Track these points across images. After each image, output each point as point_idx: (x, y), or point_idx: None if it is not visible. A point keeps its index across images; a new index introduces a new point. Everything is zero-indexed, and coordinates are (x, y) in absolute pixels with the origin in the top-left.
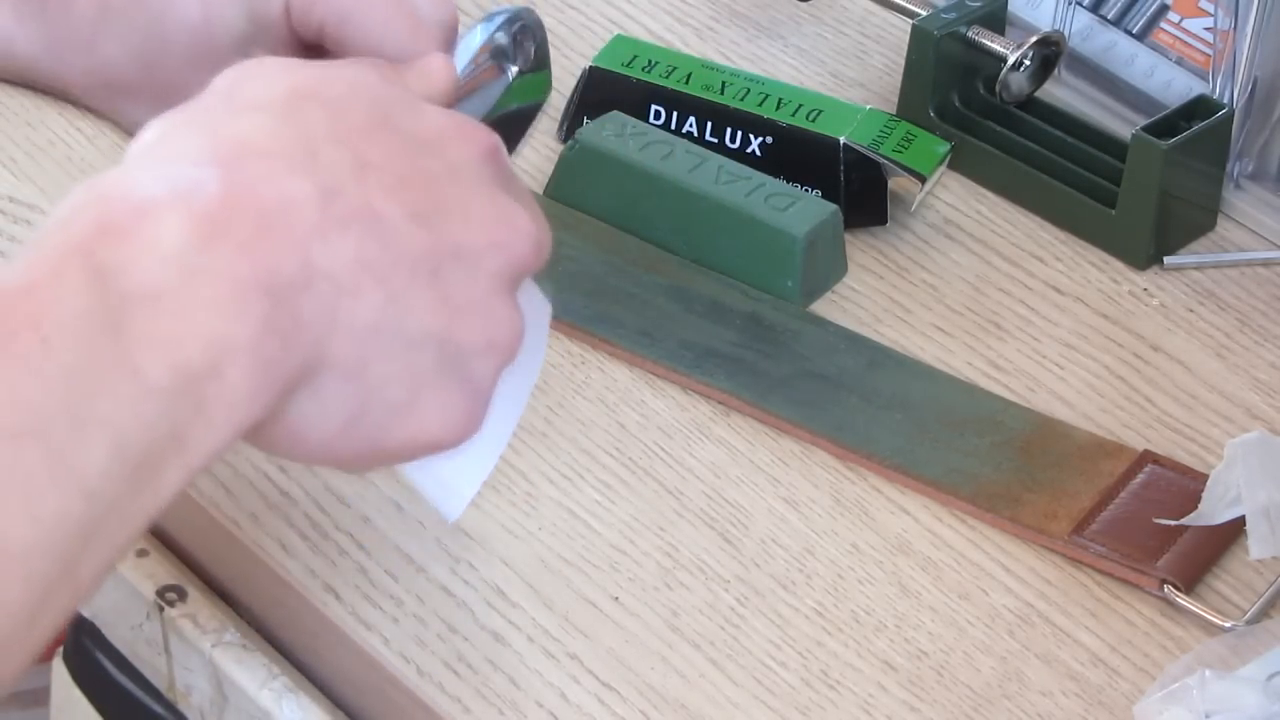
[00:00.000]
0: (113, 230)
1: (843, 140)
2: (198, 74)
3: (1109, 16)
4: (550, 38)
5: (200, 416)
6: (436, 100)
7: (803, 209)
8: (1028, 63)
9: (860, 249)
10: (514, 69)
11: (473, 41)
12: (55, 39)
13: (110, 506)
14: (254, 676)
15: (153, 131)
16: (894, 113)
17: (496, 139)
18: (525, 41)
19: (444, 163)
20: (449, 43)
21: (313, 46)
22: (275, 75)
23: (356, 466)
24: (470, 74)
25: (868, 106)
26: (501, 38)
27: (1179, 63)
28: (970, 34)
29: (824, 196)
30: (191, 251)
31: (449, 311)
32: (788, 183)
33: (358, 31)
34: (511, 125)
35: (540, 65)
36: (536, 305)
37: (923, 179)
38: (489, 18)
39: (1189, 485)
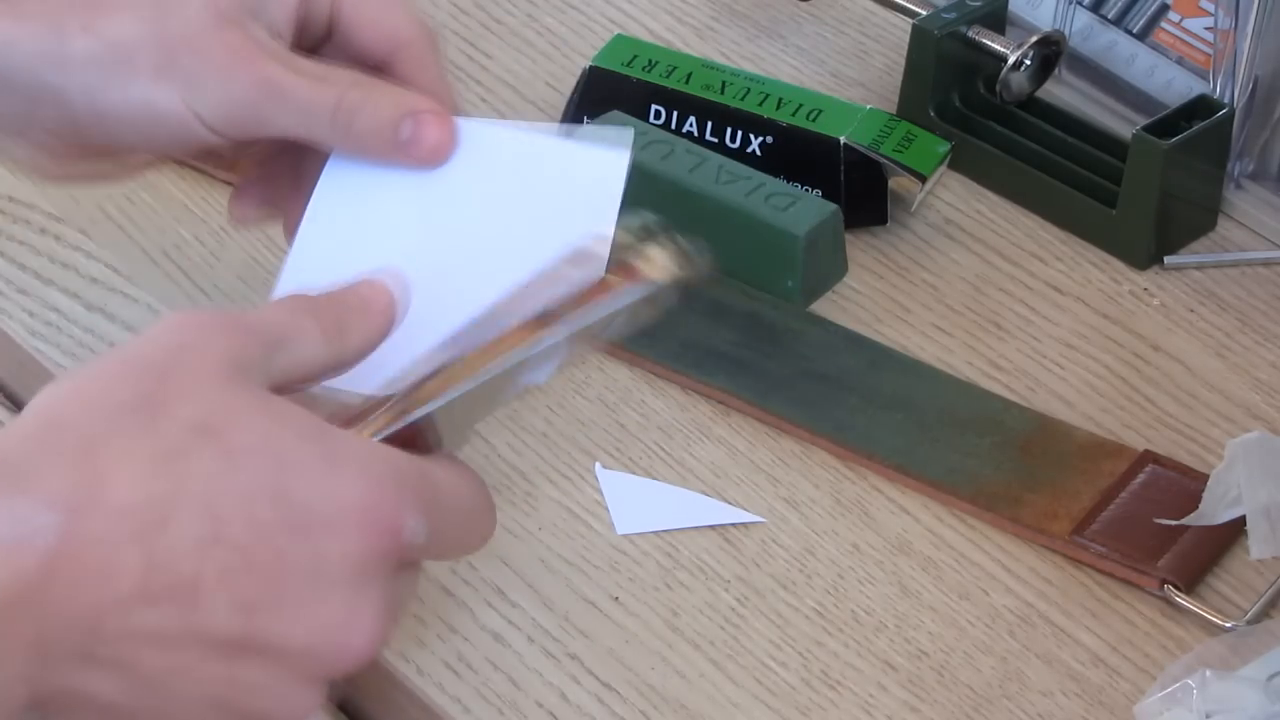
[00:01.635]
0: None
1: (843, 140)
2: (213, 34)
3: (1109, 16)
4: (550, 38)
5: None
6: (380, 338)
7: (803, 209)
8: (1028, 62)
9: (860, 249)
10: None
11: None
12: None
13: None
14: None
15: (45, 401)
16: (894, 112)
17: (403, 524)
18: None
19: (312, 553)
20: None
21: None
22: (206, 393)
23: None
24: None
25: (868, 106)
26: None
27: (1179, 62)
28: (970, 34)
29: (824, 196)
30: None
31: (231, 689)
32: (788, 183)
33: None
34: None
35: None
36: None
37: (923, 179)
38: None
39: (1189, 485)
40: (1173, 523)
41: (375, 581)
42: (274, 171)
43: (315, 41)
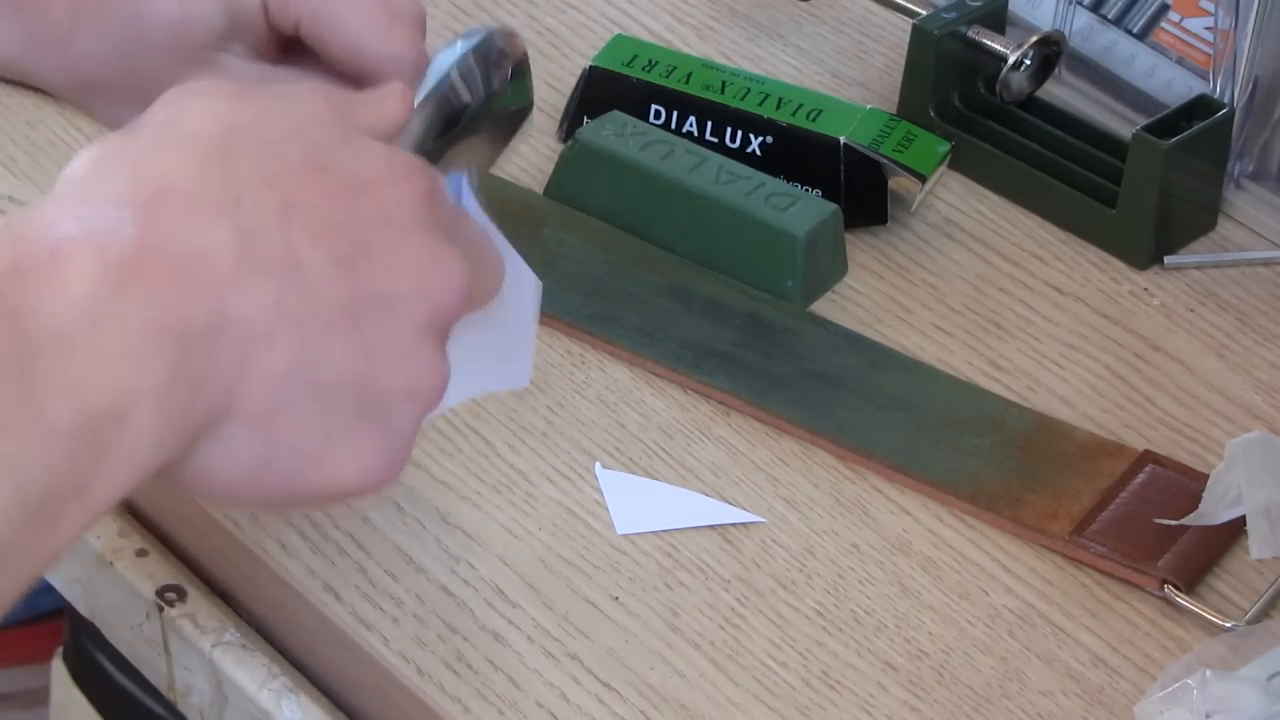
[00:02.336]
0: (25, 271)
1: (843, 140)
2: (177, 70)
3: (1109, 16)
4: (550, 38)
5: (102, 462)
6: (389, 130)
7: (803, 209)
8: (1028, 62)
9: (860, 249)
10: (479, 92)
11: (443, 62)
12: (31, 37)
13: (8, 548)
14: (254, 676)
15: (81, 162)
16: (894, 112)
17: (436, 180)
18: (500, 62)
19: (377, 205)
20: (422, 37)
21: (291, 42)
22: (212, 108)
23: (269, 509)
24: (437, 93)
25: (868, 106)
26: (471, 60)
27: (1179, 62)
28: (970, 34)
29: (824, 196)
30: (102, 297)
31: (368, 359)
32: (788, 182)
33: (333, 27)
34: (492, 130)
35: (517, 80)
36: (524, 281)
37: (923, 179)
38: (465, 35)
39: (1189, 485)
40: (1173, 523)
41: (438, 227)
42: None
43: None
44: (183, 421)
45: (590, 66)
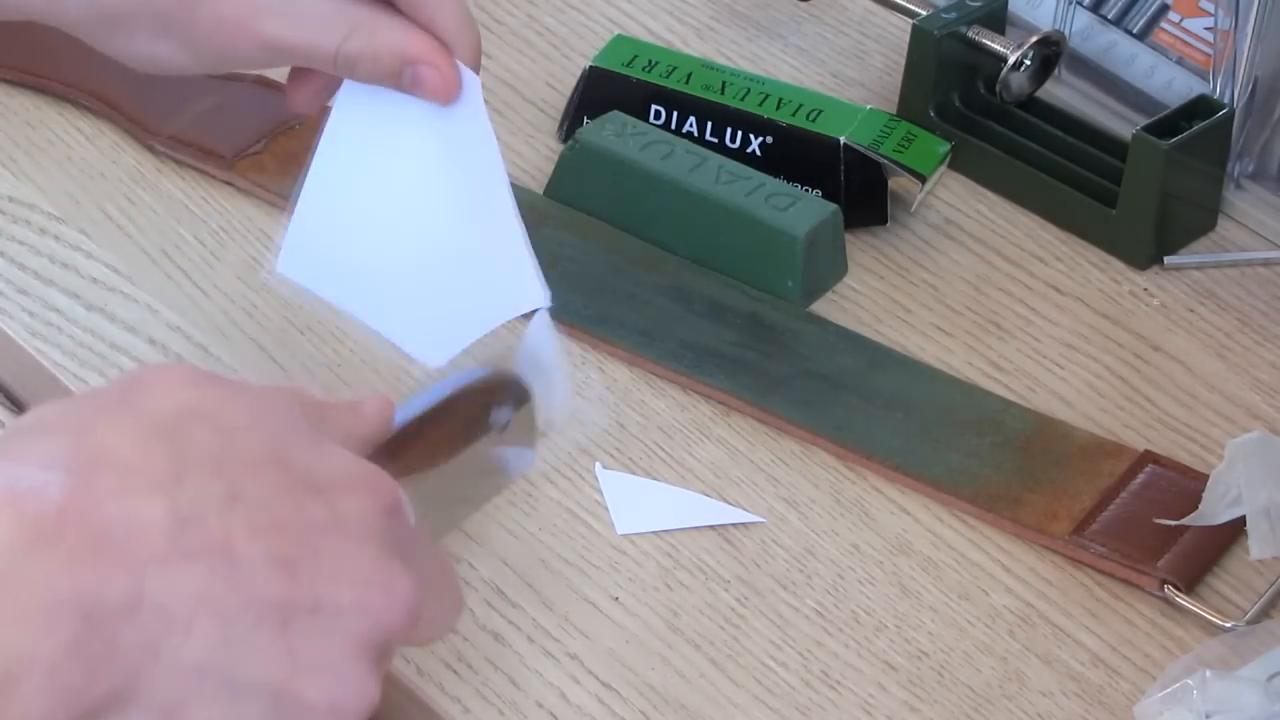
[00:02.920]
0: None
1: (843, 140)
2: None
3: (1109, 16)
4: (550, 38)
5: None
6: (362, 440)
7: (803, 209)
8: (1028, 63)
9: (860, 249)
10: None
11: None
12: None
13: None
14: None
15: (31, 417)
16: (894, 113)
17: (400, 496)
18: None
19: (331, 510)
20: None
21: None
22: (176, 388)
23: None
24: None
25: (868, 106)
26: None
27: (1179, 62)
28: (970, 34)
29: (824, 196)
30: (10, 557)
31: (292, 666)
32: (788, 183)
33: None
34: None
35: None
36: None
37: (923, 179)
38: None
39: (1189, 485)
40: (1173, 523)
41: (395, 544)
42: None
43: None
44: (74, 700)
45: (590, 66)
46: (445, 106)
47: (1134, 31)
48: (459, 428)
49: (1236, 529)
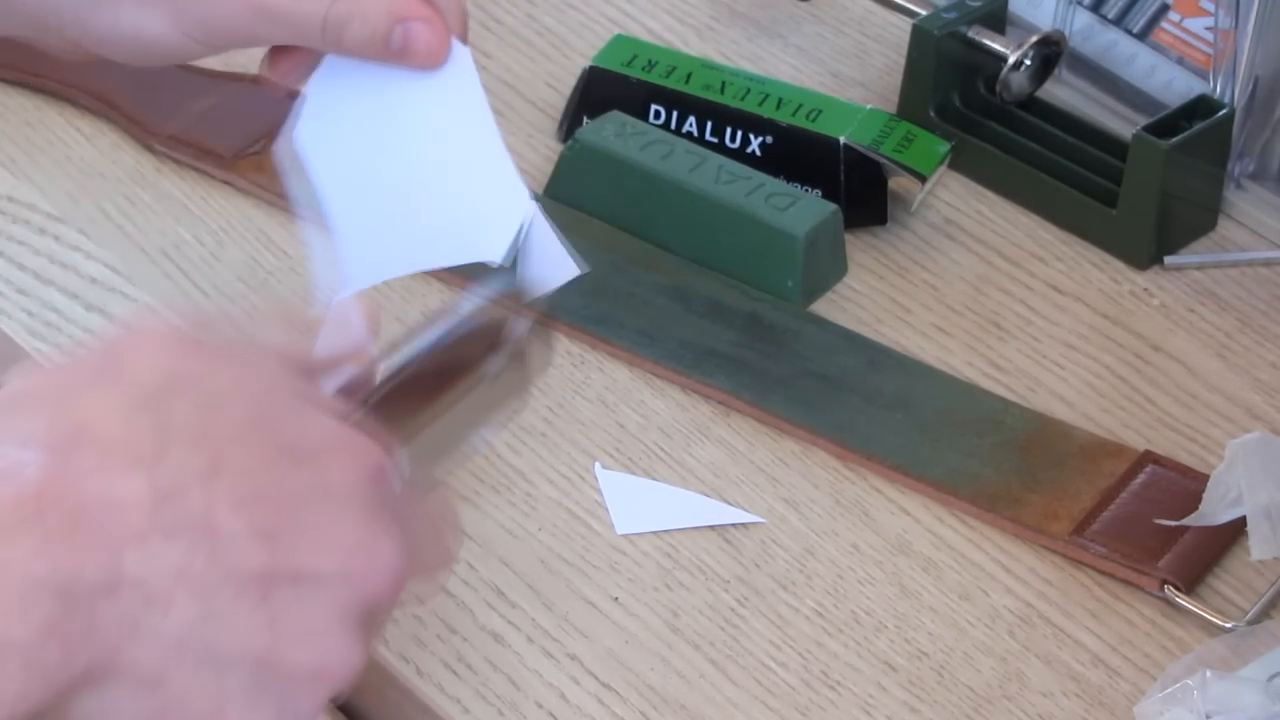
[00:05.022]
0: None
1: (843, 140)
2: None
3: (1109, 16)
4: (550, 38)
5: None
6: (352, 397)
7: (803, 209)
8: (1028, 62)
9: (860, 249)
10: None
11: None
12: None
13: None
14: None
15: (11, 389)
16: (894, 112)
17: (386, 460)
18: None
19: (314, 479)
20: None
21: None
22: (159, 356)
23: None
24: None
25: (868, 106)
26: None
27: (1180, 62)
28: (970, 34)
29: (824, 196)
30: None
31: (274, 635)
32: (788, 183)
33: None
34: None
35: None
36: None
37: (923, 179)
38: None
39: (1189, 485)
40: (1173, 523)
41: (382, 509)
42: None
43: None
44: (52, 679)
45: (590, 66)
46: (433, 76)
47: (1134, 31)
48: (450, 379)
49: (1237, 529)
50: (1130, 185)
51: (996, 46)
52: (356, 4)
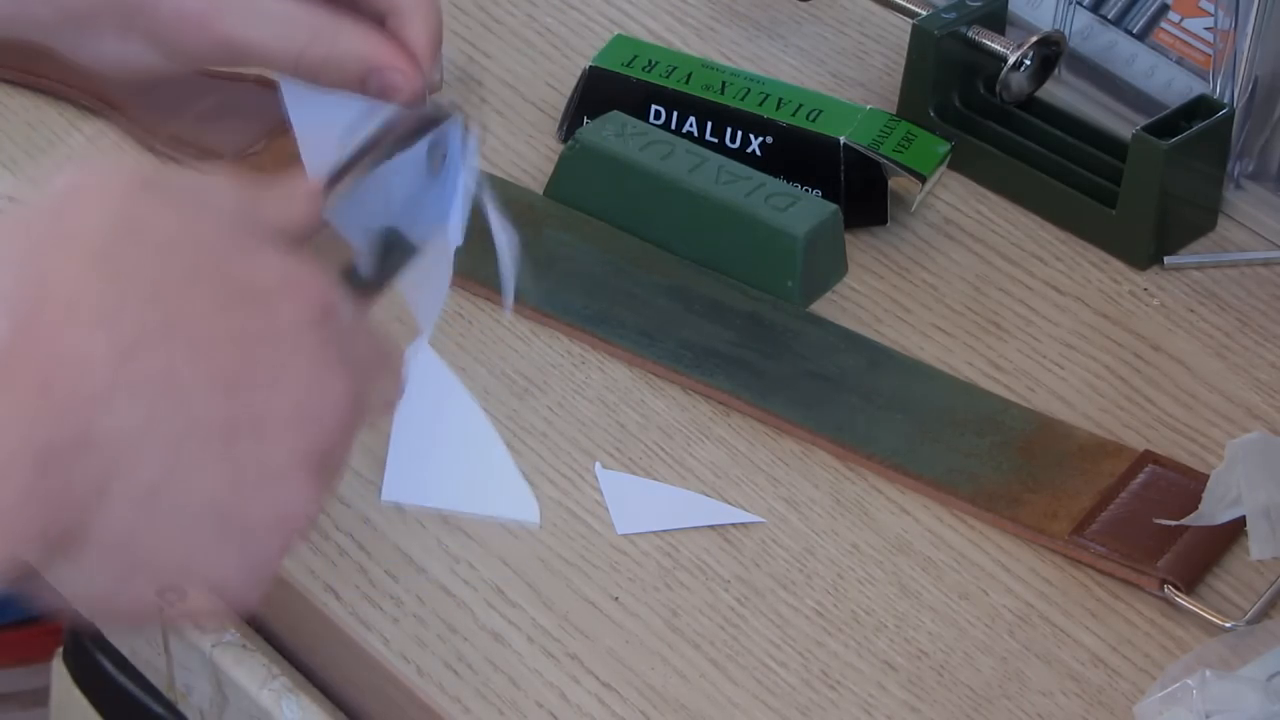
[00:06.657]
0: None
1: (843, 140)
2: None
3: (1109, 16)
4: (550, 38)
5: None
6: (296, 230)
7: (803, 209)
8: (1028, 63)
9: (860, 249)
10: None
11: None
12: None
13: None
14: (254, 676)
15: None
16: (894, 113)
17: (332, 295)
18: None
19: (265, 320)
20: None
21: None
22: (106, 202)
23: (134, 625)
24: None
25: (868, 106)
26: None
27: (1179, 62)
28: (970, 34)
29: (824, 196)
30: None
31: (236, 484)
32: (788, 183)
33: None
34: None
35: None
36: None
37: (923, 179)
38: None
39: (1189, 485)
40: (1173, 523)
41: (330, 346)
42: None
43: None
44: (29, 545)
45: (590, 66)
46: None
47: (1134, 31)
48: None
49: (1236, 529)
50: (1130, 185)
51: (996, 47)
52: (331, 49)
